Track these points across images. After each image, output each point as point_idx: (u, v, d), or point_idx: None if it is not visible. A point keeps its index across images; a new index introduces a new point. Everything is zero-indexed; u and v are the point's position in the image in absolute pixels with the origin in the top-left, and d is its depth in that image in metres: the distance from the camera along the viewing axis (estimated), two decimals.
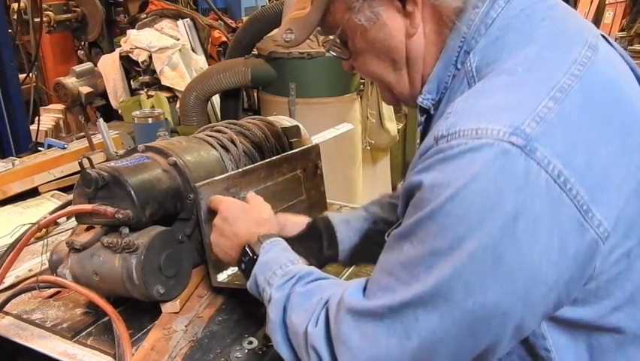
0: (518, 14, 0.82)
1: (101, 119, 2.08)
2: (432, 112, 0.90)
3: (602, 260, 0.72)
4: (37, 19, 3.07)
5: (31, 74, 3.05)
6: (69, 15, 3.48)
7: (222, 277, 1.28)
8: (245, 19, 3.85)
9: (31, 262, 1.42)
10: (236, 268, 1.32)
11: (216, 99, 3.26)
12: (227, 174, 1.33)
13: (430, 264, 0.71)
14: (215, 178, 1.28)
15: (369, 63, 0.94)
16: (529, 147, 0.67)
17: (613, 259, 0.73)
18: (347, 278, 1.40)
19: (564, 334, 0.78)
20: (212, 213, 1.24)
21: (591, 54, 0.77)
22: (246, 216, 1.12)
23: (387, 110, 3.68)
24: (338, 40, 0.94)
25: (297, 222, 1.26)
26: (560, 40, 0.79)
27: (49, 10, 3.34)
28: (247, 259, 1.05)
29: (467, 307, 0.70)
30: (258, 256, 1.03)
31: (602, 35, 0.87)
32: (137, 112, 2.23)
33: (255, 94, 3.44)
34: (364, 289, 0.83)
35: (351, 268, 1.45)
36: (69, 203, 1.29)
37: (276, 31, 3.02)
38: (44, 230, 1.44)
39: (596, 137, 0.72)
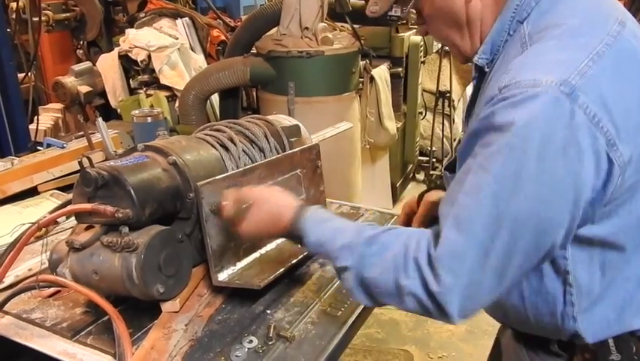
0: None
1: (100, 119, 2.08)
2: (486, 70, 1.08)
3: (617, 188, 0.91)
4: (35, 19, 3.05)
5: (29, 74, 3.04)
6: (68, 14, 3.46)
7: (223, 276, 1.28)
8: (244, 17, 3.84)
9: (30, 262, 1.42)
10: (237, 268, 1.32)
11: (215, 98, 3.26)
12: (227, 174, 1.33)
13: (497, 188, 0.88)
14: (216, 177, 1.29)
15: (439, 27, 1.12)
16: (573, 95, 0.87)
17: (624, 188, 0.93)
18: None
19: (582, 250, 0.97)
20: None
21: (620, 29, 0.96)
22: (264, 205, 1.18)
23: (387, 108, 3.67)
24: (414, 10, 1.12)
25: None
26: (597, 15, 0.99)
27: (48, 10, 3.33)
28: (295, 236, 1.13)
29: (531, 224, 0.88)
30: (305, 235, 1.09)
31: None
32: (136, 111, 2.22)
33: (254, 93, 3.43)
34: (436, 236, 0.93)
35: None
36: (69, 202, 1.29)
37: (274, 30, 3.02)
38: (44, 229, 1.44)
39: (621, 90, 0.92)
